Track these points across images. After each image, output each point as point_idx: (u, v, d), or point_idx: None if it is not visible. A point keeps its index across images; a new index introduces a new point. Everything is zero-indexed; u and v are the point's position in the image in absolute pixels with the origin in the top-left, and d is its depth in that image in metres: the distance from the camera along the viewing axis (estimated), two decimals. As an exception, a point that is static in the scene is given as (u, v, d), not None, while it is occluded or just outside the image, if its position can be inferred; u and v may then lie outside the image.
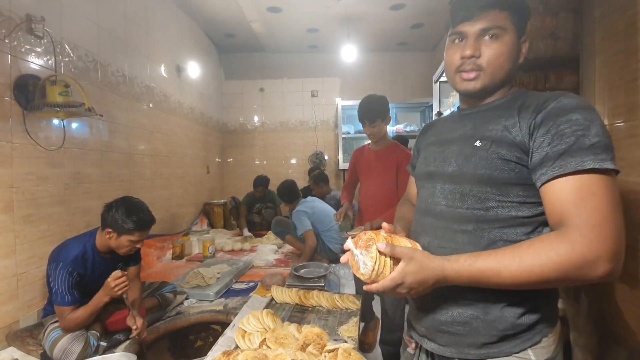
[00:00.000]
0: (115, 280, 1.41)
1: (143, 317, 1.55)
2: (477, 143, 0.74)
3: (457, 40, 0.78)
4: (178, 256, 2.87)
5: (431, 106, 3.77)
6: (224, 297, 2.00)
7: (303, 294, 1.72)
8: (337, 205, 2.85)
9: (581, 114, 0.64)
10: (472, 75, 0.75)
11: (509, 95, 0.78)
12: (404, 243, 0.72)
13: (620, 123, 1.56)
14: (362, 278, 0.68)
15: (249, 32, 4.15)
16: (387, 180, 2.03)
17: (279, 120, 5.02)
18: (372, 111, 1.97)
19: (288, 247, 3.11)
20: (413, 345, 0.88)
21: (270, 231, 3.54)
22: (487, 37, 0.74)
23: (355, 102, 2.69)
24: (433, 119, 3.61)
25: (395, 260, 0.66)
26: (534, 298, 0.71)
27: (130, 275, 1.74)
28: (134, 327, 1.48)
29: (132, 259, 1.71)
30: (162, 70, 3.21)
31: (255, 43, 4.55)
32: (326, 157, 4.95)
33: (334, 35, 4.32)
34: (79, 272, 1.46)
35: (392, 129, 4.49)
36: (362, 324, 2.15)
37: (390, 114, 2.07)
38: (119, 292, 1.41)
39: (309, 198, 2.87)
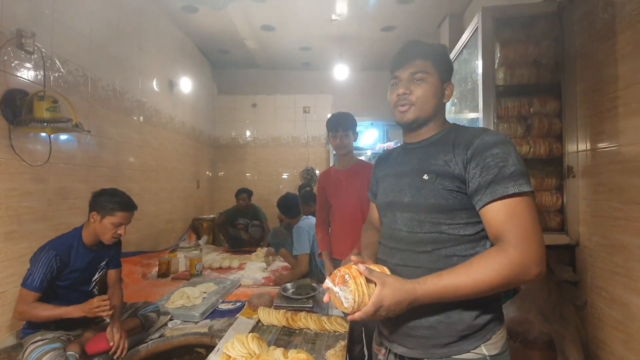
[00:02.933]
0: (102, 301, 1.43)
1: (124, 331, 1.52)
2: (425, 176, 0.88)
3: (394, 83, 0.97)
4: (164, 274, 2.79)
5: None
6: (209, 318, 1.94)
7: (290, 316, 1.69)
8: None
9: (500, 148, 0.80)
10: (405, 108, 0.93)
11: (444, 131, 0.95)
12: (374, 269, 0.81)
13: (602, 149, 1.60)
14: (346, 311, 0.75)
15: (243, 48, 4.20)
16: (363, 197, 1.93)
17: (271, 136, 5.04)
18: (346, 122, 1.96)
19: (277, 265, 3.07)
20: (383, 351, 0.99)
21: (259, 248, 3.50)
22: (415, 79, 0.92)
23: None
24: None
25: (372, 289, 0.75)
26: (485, 302, 0.83)
27: (110, 281, 1.78)
28: (111, 343, 1.45)
29: (112, 262, 1.76)
30: (154, 85, 3.21)
31: (249, 59, 4.60)
32: (317, 173, 4.95)
33: (327, 54, 4.40)
34: (62, 259, 1.51)
35: (382, 145, 4.53)
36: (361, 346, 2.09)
37: (381, 132, 2.06)
38: (98, 314, 1.42)
39: (310, 217, 2.83)
